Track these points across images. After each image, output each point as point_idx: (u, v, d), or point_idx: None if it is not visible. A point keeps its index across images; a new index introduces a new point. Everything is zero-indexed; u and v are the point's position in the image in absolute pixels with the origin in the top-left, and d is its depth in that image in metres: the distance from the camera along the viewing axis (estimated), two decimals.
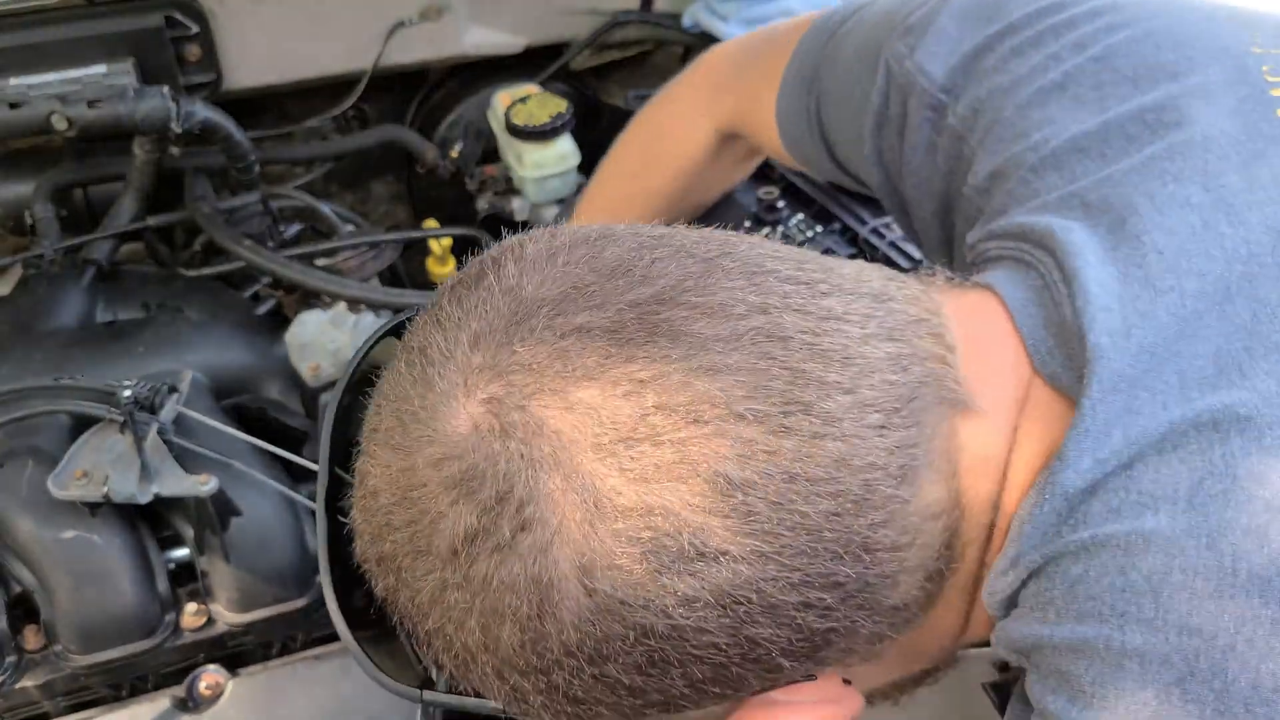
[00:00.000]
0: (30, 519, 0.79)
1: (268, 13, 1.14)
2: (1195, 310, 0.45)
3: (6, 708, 0.81)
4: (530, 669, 0.43)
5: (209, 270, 1.08)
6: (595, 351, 0.41)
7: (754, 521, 0.40)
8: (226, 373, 0.96)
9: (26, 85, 1.02)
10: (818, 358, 0.42)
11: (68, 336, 0.96)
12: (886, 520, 0.43)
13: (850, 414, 0.42)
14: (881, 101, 0.65)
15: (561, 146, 1.16)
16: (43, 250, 1.05)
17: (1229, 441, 0.42)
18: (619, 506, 0.40)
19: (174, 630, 0.83)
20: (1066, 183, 0.53)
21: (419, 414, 0.43)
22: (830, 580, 0.42)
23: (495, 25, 1.26)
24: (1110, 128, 0.53)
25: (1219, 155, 0.50)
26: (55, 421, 0.83)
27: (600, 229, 0.47)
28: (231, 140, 1.07)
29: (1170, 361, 0.44)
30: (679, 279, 0.43)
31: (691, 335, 0.41)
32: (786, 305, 0.43)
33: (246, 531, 0.83)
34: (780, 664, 0.43)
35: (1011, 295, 0.50)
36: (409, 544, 0.43)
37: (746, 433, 0.40)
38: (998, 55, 0.59)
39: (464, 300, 0.45)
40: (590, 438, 0.40)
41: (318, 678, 0.83)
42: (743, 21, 1.22)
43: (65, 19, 1.04)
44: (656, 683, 0.42)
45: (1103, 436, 0.43)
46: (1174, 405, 0.43)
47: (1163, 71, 0.54)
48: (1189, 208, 0.48)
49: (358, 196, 1.40)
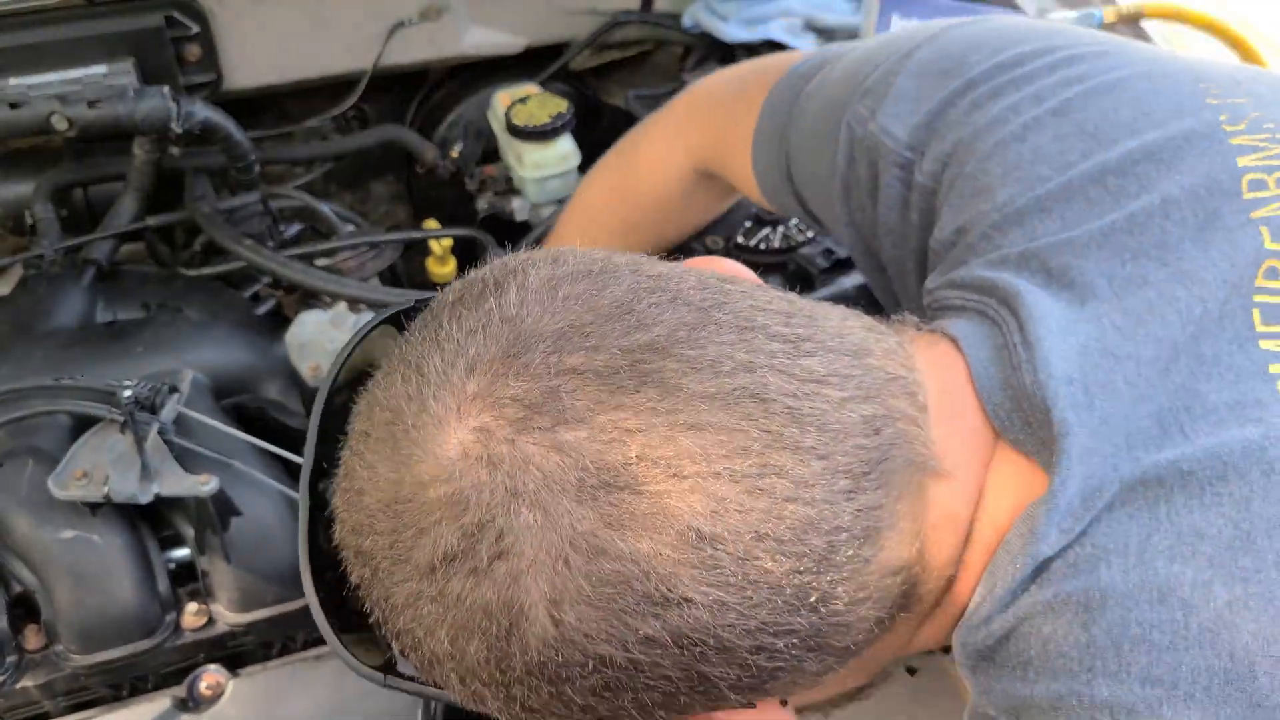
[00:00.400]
0: (30, 519, 0.79)
1: (268, 13, 1.14)
2: (1147, 376, 0.48)
3: (7, 708, 0.81)
4: (492, 681, 0.45)
5: (209, 270, 1.08)
6: (587, 395, 0.43)
7: (719, 574, 0.42)
8: (226, 373, 0.95)
9: (27, 85, 1.02)
10: (796, 422, 0.44)
11: (68, 336, 0.96)
12: (846, 577, 0.45)
13: (822, 479, 0.44)
14: (846, 165, 0.66)
15: (562, 147, 1.16)
16: (43, 250, 1.05)
17: (1173, 498, 0.44)
18: (593, 548, 0.42)
19: (174, 630, 0.83)
20: (1027, 239, 0.54)
21: (410, 432, 0.44)
22: (785, 628, 0.44)
23: (495, 25, 1.26)
24: (1072, 189, 0.54)
25: (1178, 221, 0.52)
26: (55, 421, 0.83)
27: (603, 262, 0.48)
28: (231, 140, 1.07)
29: (1121, 425, 0.47)
30: (673, 328, 0.45)
31: (680, 390, 0.43)
32: (771, 365, 0.45)
33: (247, 531, 0.83)
34: (726, 696, 0.45)
35: (974, 355, 0.52)
36: (389, 550, 0.45)
37: (722, 491, 0.42)
38: (959, 110, 0.60)
39: (464, 321, 0.46)
40: (574, 479, 0.42)
41: (318, 678, 0.83)
42: (743, 22, 1.22)
43: (65, 19, 1.04)
44: (608, 704, 0.45)
45: (1069, 508, 0.46)
46: (1124, 466, 0.45)
47: (1122, 128, 0.55)
48: (1147, 285, 0.50)
49: (357, 196, 1.40)
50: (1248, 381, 0.46)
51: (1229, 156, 0.53)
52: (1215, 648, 0.41)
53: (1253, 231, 0.50)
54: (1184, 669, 0.41)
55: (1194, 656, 0.41)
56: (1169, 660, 0.41)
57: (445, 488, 0.43)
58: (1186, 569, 0.42)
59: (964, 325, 0.53)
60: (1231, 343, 0.48)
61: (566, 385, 0.43)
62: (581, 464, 0.42)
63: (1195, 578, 0.42)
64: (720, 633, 0.43)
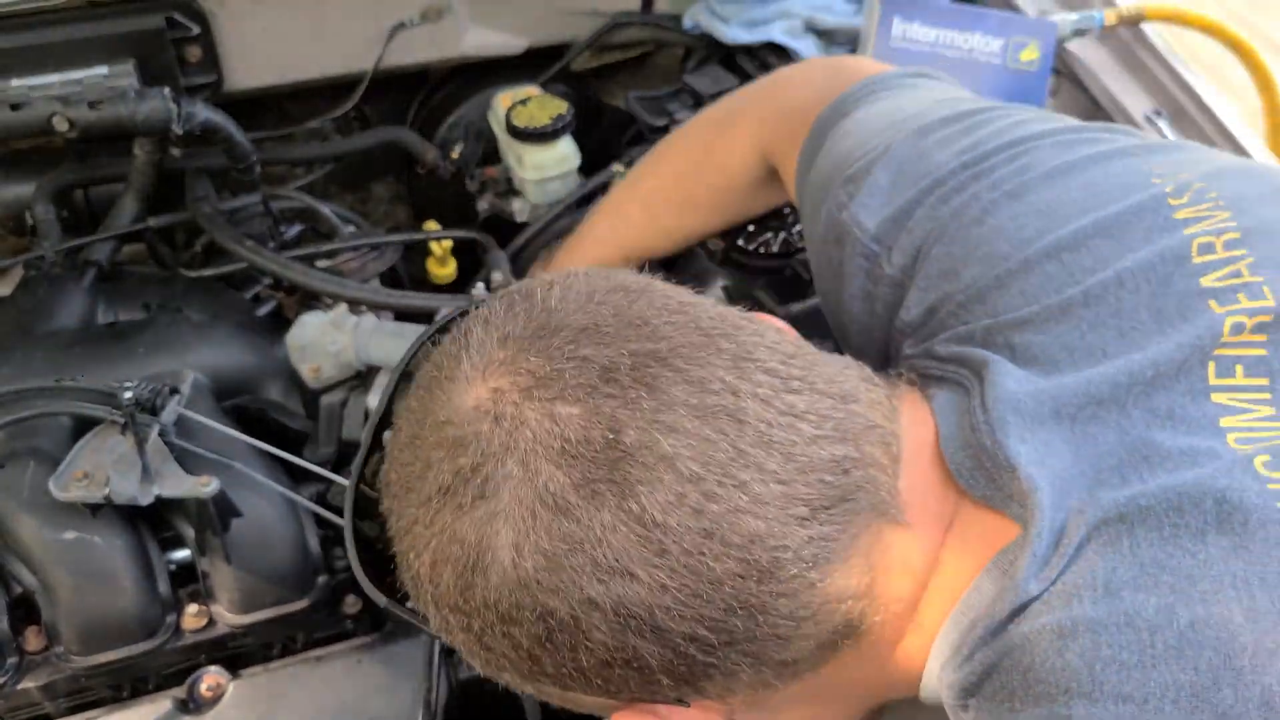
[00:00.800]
0: (32, 520, 0.79)
1: (269, 14, 1.14)
2: (1090, 433, 0.52)
3: (8, 709, 0.81)
4: (456, 609, 0.51)
5: (210, 271, 1.09)
6: (586, 381, 0.49)
7: (665, 559, 0.47)
8: (227, 374, 0.96)
9: (28, 86, 1.03)
10: (764, 447, 0.49)
11: (69, 337, 0.96)
12: (788, 593, 0.49)
13: (778, 501, 0.49)
14: (821, 241, 0.70)
15: (562, 148, 1.16)
16: (44, 251, 1.05)
17: (1135, 533, 0.48)
18: (559, 507, 0.47)
19: (175, 631, 0.83)
20: (990, 316, 0.59)
21: (443, 383, 0.52)
22: (720, 626, 0.48)
23: (496, 26, 1.26)
24: (1030, 265, 0.59)
25: (1132, 290, 0.56)
26: (56, 423, 0.83)
27: (645, 284, 0.54)
28: (232, 141, 1.07)
29: (1087, 475, 0.51)
30: (678, 345, 0.51)
31: (668, 395, 0.49)
32: (755, 394, 0.50)
33: (247, 533, 0.83)
34: (659, 679, 0.50)
35: (943, 419, 0.57)
36: (404, 480, 0.53)
37: (682, 489, 0.47)
38: (926, 207, 0.64)
39: (513, 307, 0.53)
40: (558, 446, 0.48)
41: (318, 679, 0.84)
42: (744, 23, 1.22)
43: (66, 20, 1.04)
44: (551, 658, 0.50)
45: (1045, 557, 0.49)
46: (1089, 509, 0.49)
47: (1074, 206, 0.60)
48: (1104, 358, 0.55)
49: (358, 197, 1.40)
50: (1200, 432, 0.50)
51: (1175, 228, 0.57)
52: (1181, 663, 0.44)
53: (1204, 294, 0.54)
54: (1153, 685, 0.44)
55: (1161, 673, 0.44)
56: (1138, 677, 0.44)
57: (454, 431, 0.50)
58: (1150, 597, 0.46)
59: (940, 393, 0.58)
60: (1185, 395, 0.52)
61: (573, 369, 0.49)
62: (566, 435, 0.47)
63: (1159, 603, 0.46)
64: (657, 613, 0.47)
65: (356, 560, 0.58)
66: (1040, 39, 1.12)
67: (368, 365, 1.00)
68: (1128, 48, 1.17)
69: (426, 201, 1.36)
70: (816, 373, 0.53)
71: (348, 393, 1.02)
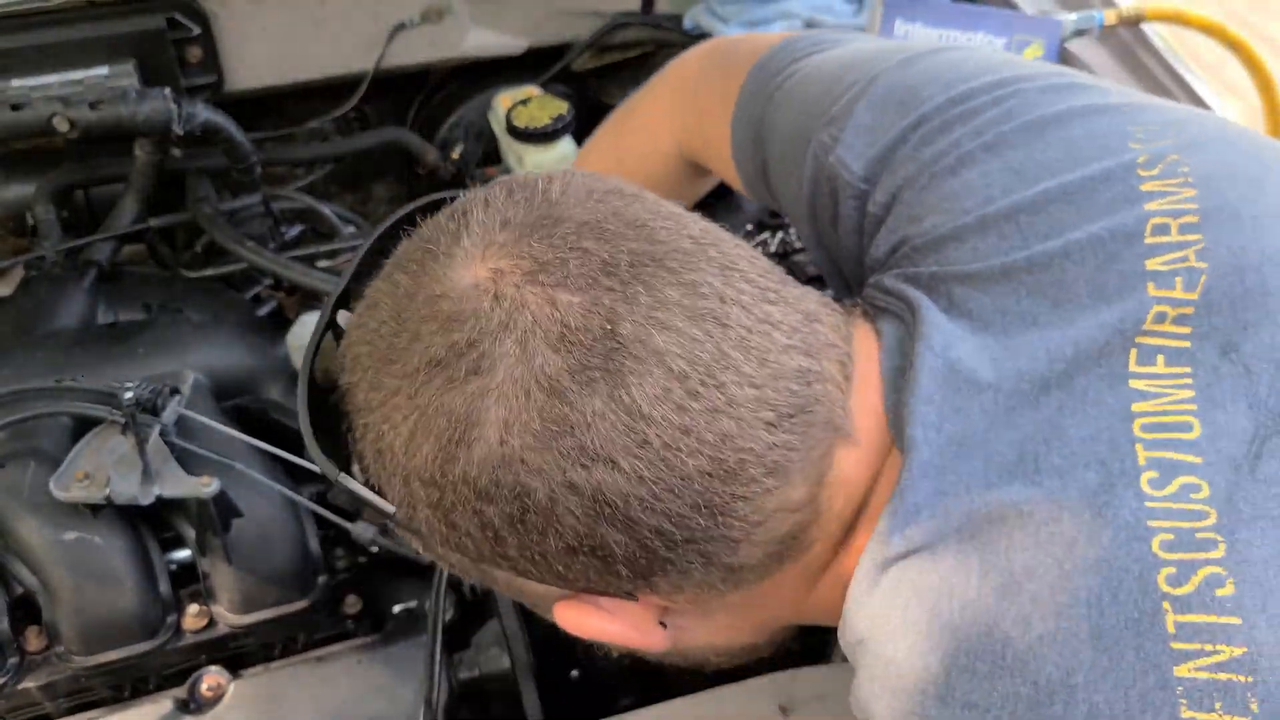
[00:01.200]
0: (32, 520, 0.79)
1: (269, 14, 1.14)
2: (1008, 406, 0.52)
3: (8, 709, 0.81)
4: (431, 482, 0.51)
5: (210, 272, 1.09)
6: (587, 272, 0.49)
7: (645, 450, 0.48)
8: (228, 374, 0.96)
9: (28, 87, 1.03)
10: (743, 351, 0.50)
11: (69, 338, 0.96)
12: (746, 497, 0.50)
13: (749, 405, 0.50)
14: (812, 190, 0.69)
15: (562, 148, 1.16)
16: (44, 251, 1.05)
17: (1013, 536, 0.49)
18: (553, 390, 0.48)
19: (175, 632, 0.83)
20: (938, 264, 0.59)
21: (439, 258, 0.52)
22: (683, 522, 0.50)
23: (496, 27, 1.26)
24: (986, 223, 0.59)
25: (1077, 262, 0.56)
26: (57, 423, 0.83)
27: (637, 190, 0.56)
28: (233, 142, 1.07)
29: (978, 451, 0.52)
30: (672, 249, 0.52)
31: (662, 294, 0.50)
32: (739, 301, 0.52)
33: (248, 533, 0.83)
34: (618, 570, 0.51)
35: (886, 355, 0.57)
36: (385, 352, 0.52)
37: (669, 384, 0.48)
38: (909, 145, 0.64)
39: (513, 194, 0.53)
40: (557, 331, 0.48)
41: (319, 679, 0.84)
42: (744, 24, 1.22)
43: (67, 20, 1.05)
44: (517, 540, 0.50)
45: (911, 517, 0.51)
46: (976, 491, 0.50)
47: (1044, 168, 0.59)
48: (1034, 324, 0.55)
49: (358, 198, 1.40)
50: (1108, 419, 0.51)
51: (1137, 202, 0.56)
52: (1024, 676, 0.46)
53: (1144, 277, 0.54)
54: (996, 695, 0.46)
55: (1005, 684, 0.46)
56: (985, 688, 0.47)
57: (450, 306, 0.50)
58: (1012, 605, 0.47)
59: (888, 325, 0.59)
60: (1102, 380, 0.52)
61: (575, 259, 0.50)
62: (566, 321, 0.48)
63: (1018, 613, 0.47)
64: (631, 502, 0.49)
65: (310, 434, 0.56)
66: (1045, 38, 1.12)
67: None
68: (1128, 48, 1.17)
69: None
70: (787, 290, 0.55)
71: None
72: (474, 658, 0.88)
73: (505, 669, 0.87)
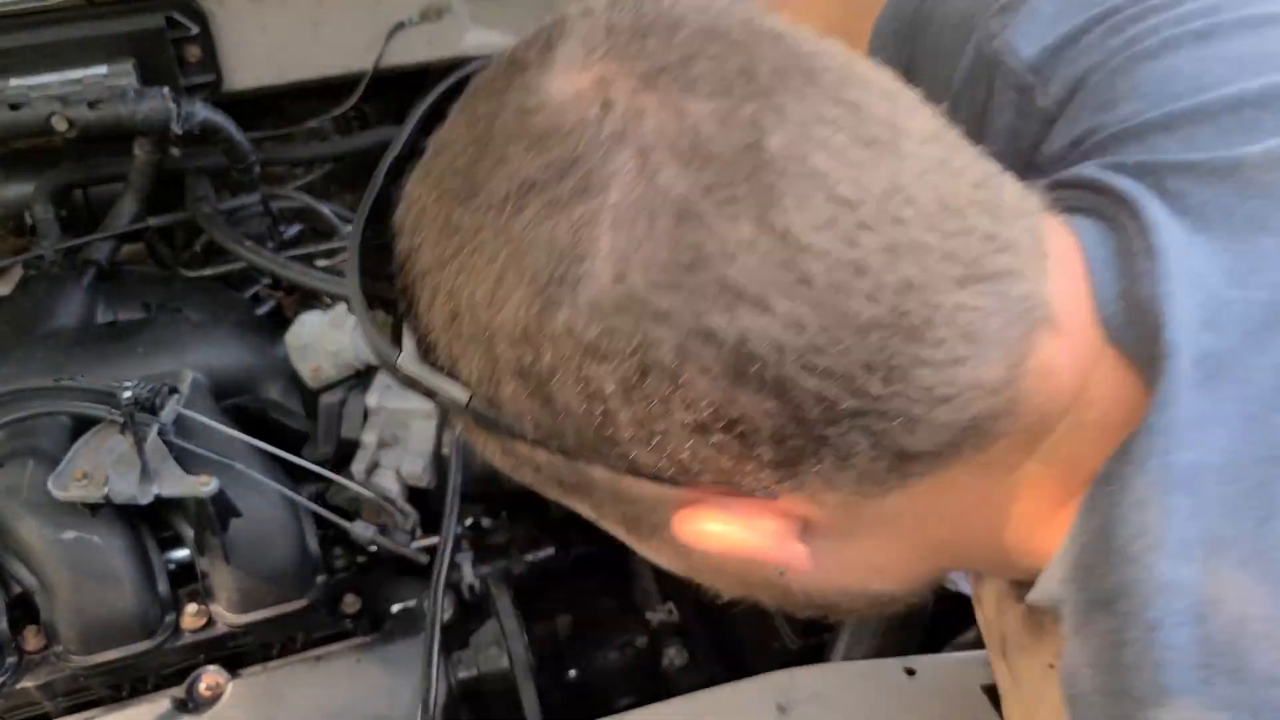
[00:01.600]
0: (31, 520, 0.79)
1: (268, 14, 1.14)
2: (1262, 320, 0.43)
3: (7, 708, 0.81)
4: (523, 339, 0.40)
5: (209, 271, 1.09)
6: (721, 75, 0.39)
7: (807, 289, 0.38)
8: (227, 374, 0.96)
9: (27, 86, 1.02)
10: (926, 189, 0.40)
11: (68, 337, 0.96)
12: (933, 363, 0.40)
13: (937, 252, 0.40)
14: (962, 84, 0.61)
15: None
16: (43, 251, 1.05)
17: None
18: (686, 212, 0.38)
19: (174, 631, 0.83)
20: (1146, 153, 0.50)
21: (528, 68, 0.42)
22: (854, 386, 0.39)
23: (496, 26, 1.26)
24: (1203, 112, 0.50)
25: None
26: (56, 422, 0.83)
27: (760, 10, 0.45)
28: (232, 141, 1.07)
29: (1237, 374, 0.43)
30: (825, 65, 0.42)
31: (816, 110, 0.39)
32: (912, 135, 0.42)
33: (246, 532, 0.83)
34: (760, 455, 0.40)
35: (1094, 255, 0.47)
36: (461, 189, 0.42)
37: (834, 211, 0.38)
38: (1095, 35, 0.56)
39: (617, 3, 0.43)
40: (687, 144, 0.38)
41: (317, 679, 0.84)
42: None
43: (66, 20, 1.04)
44: (631, 414, 0.40)
45: (1185, 431, 0.42)
46: (1256, 433, 0.42)
47: (1268, 61, 0.51)
48: (1265, 230, 0.46)
49: (358, 197, 1.40)
50: None
51: None
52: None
53: None
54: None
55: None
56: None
57: (544, 118, 0.40)
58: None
59: (1081, 222, 0.48)
60: None
61: (702, 65, 0.40)
62: (699, 132, 0.38)
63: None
64: (786, 356, 0.38)
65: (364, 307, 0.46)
66: None
67: (367, 364, 1.00)
68: None
69: None
70: (965, 145, 0.45)
71: (347, 392, 1.02)
72: (472, 657, 0.88)
73: (504, 668, 0.87)
